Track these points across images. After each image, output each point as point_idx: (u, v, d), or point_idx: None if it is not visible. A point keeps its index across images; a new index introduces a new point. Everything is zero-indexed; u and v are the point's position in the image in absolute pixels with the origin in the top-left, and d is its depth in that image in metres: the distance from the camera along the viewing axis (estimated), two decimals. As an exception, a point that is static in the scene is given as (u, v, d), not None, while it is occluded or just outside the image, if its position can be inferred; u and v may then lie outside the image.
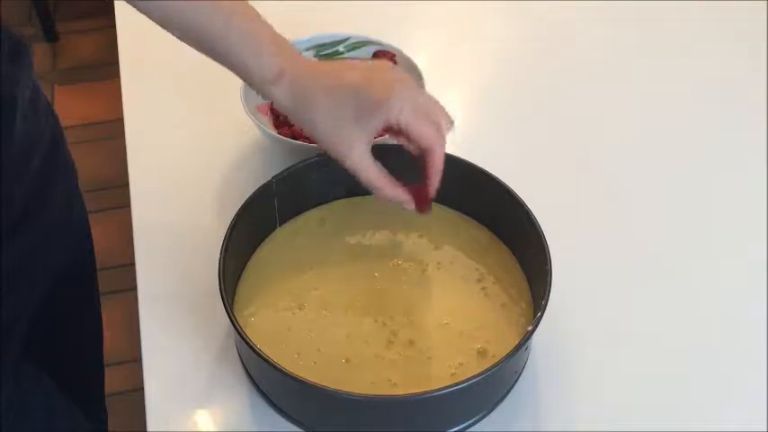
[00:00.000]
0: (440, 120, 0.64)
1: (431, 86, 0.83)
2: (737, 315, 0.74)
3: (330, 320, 0.67)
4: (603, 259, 0.77)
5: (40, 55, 2.31)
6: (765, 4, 1.06)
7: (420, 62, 0.85)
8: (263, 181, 0.71)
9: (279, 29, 0.64)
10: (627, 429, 0.64)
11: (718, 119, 0.93)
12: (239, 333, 0.60)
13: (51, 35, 2.40)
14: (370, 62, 0.69)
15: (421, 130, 0.62)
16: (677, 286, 0.75)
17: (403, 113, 0.61)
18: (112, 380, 1.05)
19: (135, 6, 0.63)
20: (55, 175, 0.83)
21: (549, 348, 0.69)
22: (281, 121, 0.83)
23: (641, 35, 1.05)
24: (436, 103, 0.66)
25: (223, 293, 0.62)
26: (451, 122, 0.65)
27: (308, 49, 0.88)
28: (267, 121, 0.83)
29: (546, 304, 0.62)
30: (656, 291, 0.75)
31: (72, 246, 0.89)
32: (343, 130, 0.62)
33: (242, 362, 0.66)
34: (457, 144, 0.82)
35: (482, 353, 0.64)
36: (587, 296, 0.73)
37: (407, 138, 0.64)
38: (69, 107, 2.12)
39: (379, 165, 0.64)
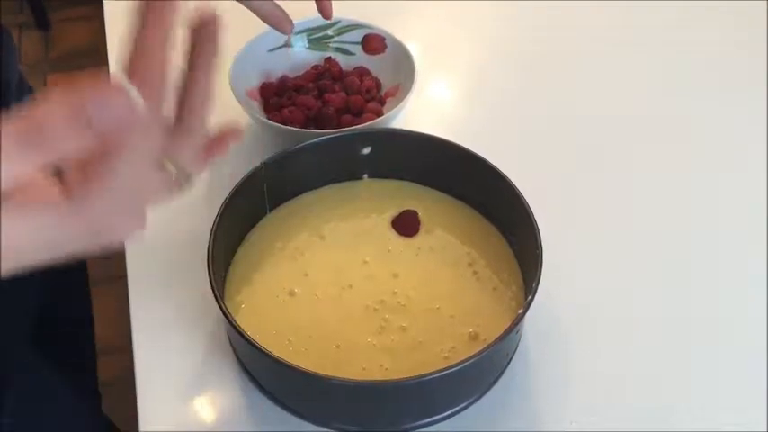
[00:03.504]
0: None
1: (424, 72, 0.83)
2: (735, 300, 0.73)
3: (321, 306, 0.67)
4: (595, 242, 0.77)
5: (31, 43, 2.30)
6: (765, 3, 1.05)
7: (414, 48, 0.85)
8: (253, 166, 0.70)
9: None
10: (619, 412, 0.64)
11: (717, 107, 0.92)
12: (229, 320, 0.60)
13: (43, 23, 2.39)
14: None
15: None
16: (671, 269, 0.75)
17: None
18: (104, 368, 1.05)
19: None
20: None
21: (541, 331, 0.69)
22: (270, 106, 0.83)
23: (643, 23, 1.04)
24: None
25: (212, 281, 0.62)
26: None
27: (298, 33, 0.87)
28: (257, 106, 0.83)
29: (537, 287, 0.61)
30: (648, 274, 0.75)
31: None
32: None
33: (233, 349, 0.66)
34: (450, 129, 0.82)
35: (473, 337, 0.64)
36: (579, 279, 0.73)
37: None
38: (62, 96, 2.11)
39: None
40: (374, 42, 0.87)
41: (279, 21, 0.75)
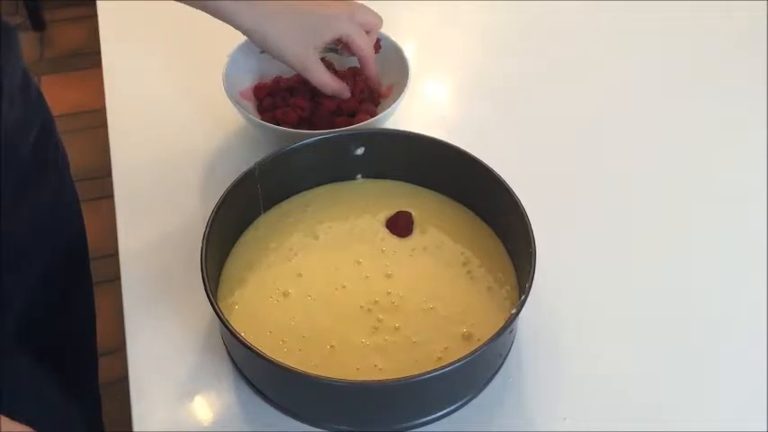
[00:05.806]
0: (373, 24, 0.80)
1: (418, 72, 0.83)
2: (734, 300, 0.73)
3: (315, 307, 0.67)
4: (590, 241, 0.77)
5: (27, 44, 2.30)
6: (766, 3, 1.05)
7: (408, 48, 0.85)
8: (247, 167, 0.70)
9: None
10: (613, 411, 0.64)
11: (717, 108, 0.93)
12: (223, 321, 0.60)
13: (38, 24, 2.38)
14: None
15: (358, 44, 0.79)
16: (667, 269, 0.75)
17: (348, 29, 0.77)
18: (103, 369, 1.05)
19: None
20: (46, 163, 0.82)
21: (535, 331, 0.69)
22: (264, 107, 0.83)
23: (638, 19, 1.04)
24: (368, 11, 0.80)
25: (206, 281, 0.62)
26: (380, 20, 0.81)
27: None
28: (250, 107, 0.83)
29: (530, 287, 0.61)
30: (643, 273, 0.75)
31: (65, 232, 0.89)
32: (299, 43, 0.76)
33: (227, 349, 0.66)
34: (443, 129, 0.82)
35: (467, 336, 0.64)
36: (573, 279, 0.73)
37: (348, 48, 0.80)
38: (57, 96, 2.11)
39: (324, 68, 0.79)
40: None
41: (341, 91, 0.81)
